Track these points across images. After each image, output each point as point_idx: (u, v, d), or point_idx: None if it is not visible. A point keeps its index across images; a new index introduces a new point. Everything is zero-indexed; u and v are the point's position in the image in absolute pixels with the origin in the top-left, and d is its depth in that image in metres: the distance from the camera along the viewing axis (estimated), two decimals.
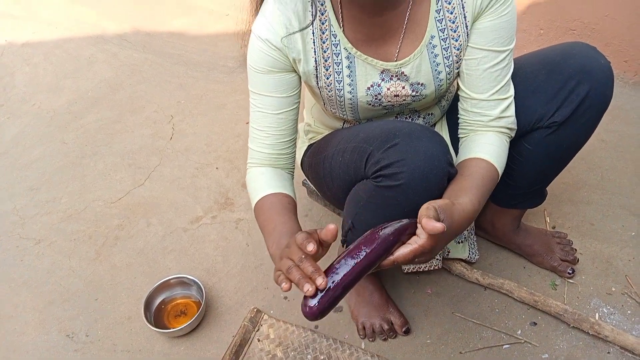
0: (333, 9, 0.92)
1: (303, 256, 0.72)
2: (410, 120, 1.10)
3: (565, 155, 1.11)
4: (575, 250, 1.37)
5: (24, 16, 2.90)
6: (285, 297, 1.36)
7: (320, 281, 0.69)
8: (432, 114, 1.12)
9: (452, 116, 1.15)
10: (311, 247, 0.71)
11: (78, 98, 2.22)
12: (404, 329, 1.23)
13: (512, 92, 0.98)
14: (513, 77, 0.97)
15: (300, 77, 0.99)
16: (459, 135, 1.04)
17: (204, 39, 2.54)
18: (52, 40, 2.66)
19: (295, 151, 1.08)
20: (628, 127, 1.77)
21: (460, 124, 1.03)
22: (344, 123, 1.14)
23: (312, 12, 0.90)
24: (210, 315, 1.34)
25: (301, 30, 0.91)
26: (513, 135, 1.01)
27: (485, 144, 0.97)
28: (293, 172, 1.09)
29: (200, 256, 1.50)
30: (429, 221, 0.70)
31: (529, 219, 1.47)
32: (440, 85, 0.98)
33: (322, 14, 0.92)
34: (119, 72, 2.37)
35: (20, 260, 1.54)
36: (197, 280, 1.34)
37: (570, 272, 1.32)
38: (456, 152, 1.07)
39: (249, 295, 1.38)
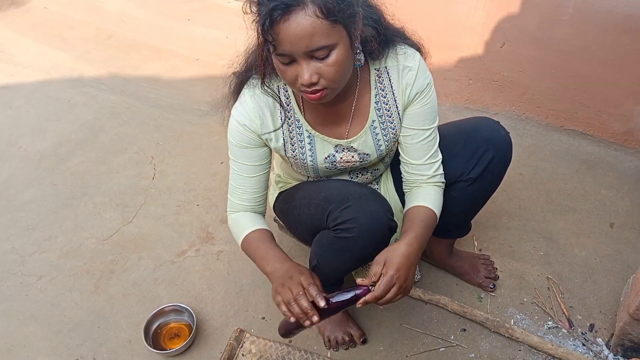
0: (295, 100, 1.21)
1: (301, 293, 1.07)
2: (360, 174, 1.41)
3: (481, 201, 1.45)
4: (496, 269, 1.71)
5: (0, 59, 3.05)
6: (263, 318, 1.63)
7: (315, 319, 1.05)
8: (377, 169, 1.43)
9: (394, 167, 1.46)
10: (314, 293, 1.08)
11: (62, 141, 2.42)
12: (361, 340, 1.52)
13: (440, 155, 1.30)
14: (440, 143, 1.29)
15: (270, 150, 1.28)
16: (404, 189, 1.36)
17: (177, 83, 2.78)
18: (31, 83, 2.83)
19: (265, 200, 1.36)
20: (541, 162, 2.15)
21: (403, 182, 1.35)
22: (308, 177, 1.43)
23: (282, 118, 1.19)
24: (200, 336, 1.59)
25: (275, 131, 1.21)
26: (444, 186, 1.33)
27: (425, 194, 1.28)
28: (264, 214, 1.38)
29: (188, 285, 1.74)
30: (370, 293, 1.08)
31: (461, 243, 1.80)
32: (381, 154, 1.30)
33: (288, 105, 1.20)
34: (98, 114, 2.58)
35: (25, 295, 1.74)
36: (188, 307, 1.59)
37: (492, 287, 1.65)
38: (400, 197, 1.42)
39: (232, 317, 1.64)
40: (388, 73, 1.19)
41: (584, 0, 1.92)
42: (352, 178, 1.41)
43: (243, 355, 1.51)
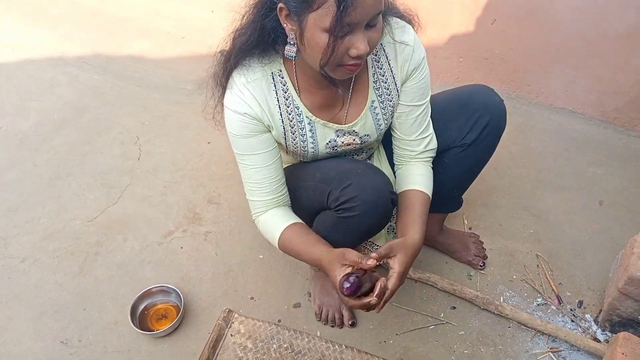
0: (292, 85, 1.15)
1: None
2: (356, 155, 1.38)
3: (475, 169, 1.44)
4: (485, 249, 1.70)
5: None
6: (252, 298, 1.61)
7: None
8: (371, 148, 1.41)
9: (385, 140, 1.44)
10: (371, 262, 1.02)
11: (44, 120, 2.36)
12: (350, 322, 1.51)
13: (431, 129, 1.30)
14: (434, 110, 1.29)
15: None
16: (395, 163, 1.36)
17: (163, 62, 2.72)
18: (12, 62, 2.75)
19: (286, 188, 1.27)
20: (531, 140, 2.14)
21: (395, 156, 1.35)
22: (300, 160, 1.40)
23: (279, 104, 1.14)
24: (188, 317, 1.57)
25: (272, 119, 1.15)
26: (434, 157, 1.33)
27: (418, 175, 1.28)
28: (290, 204, 1.29)
29: (175, 266, 1.72)
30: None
31: (451, 222, 1.79)
32: (381, 132, 1.29)
33: (285, 92, 1.15)
34: (81, 94, 2.51)
35: (7, 277, 1.70)
36: (175, 288, 1.57)
37: (482, 265, 1.65)
38: (391, 167, 1.42)
39: (221, 298, 1.62)
40: (384, 50, 1.17)
41: None
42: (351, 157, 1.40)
43: (232, 335, 1.49)
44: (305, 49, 0.98)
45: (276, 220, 1.23)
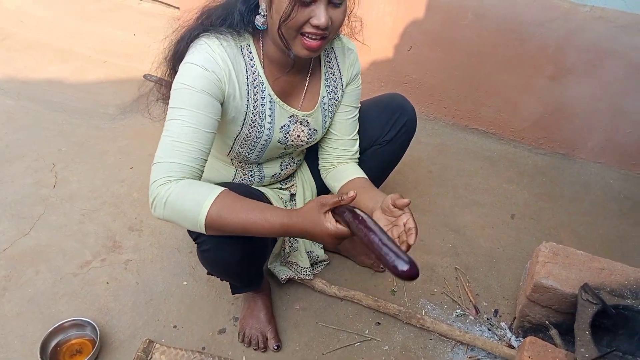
0: (259, 60, 1.17)
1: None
2: (288, 165, 1.45)
3: (388, 165, 1.54)
4: None
5: None
6: (175, 326, 1.56)
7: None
8: (300, 159, 1.50)
9: (310, 159, 1.54)
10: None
11: None
12: (274, 345, 1.49)
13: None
14: (359, 114, 1.40)
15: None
16: (325, 167, 1.44)
17: (83, 86, 2.62)
18: None
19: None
20: (449, 159, 2.25)
21: (326, 158, 1.43)
22: (240, 162, 1.37)
23: (247, 75, 1.15)
24: (106, 351, 1.48)
25: (239, 88, 1.14)
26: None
27: (355, 170, 1.38)
28: None
29: (92, 298, 1.63)
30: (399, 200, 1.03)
31: None
32: (324, 130, 1.36)
33: (252, 66, 1.17)
34: None
35: None
36: (91, 321, 1.48)
37: (383, 268, 1.72)
38: (316, 181, 1.53)
39: (141, 328, 1.55)
40: (334, 52, 1.30)
41: (482, 6, 2.05)
42: (282, 170, 1.44)
43: None
44: (271, 15, 1.04)
45: (201, 185, 1.03)
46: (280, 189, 1.51)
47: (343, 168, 1.40)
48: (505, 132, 2.32)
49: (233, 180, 1.41)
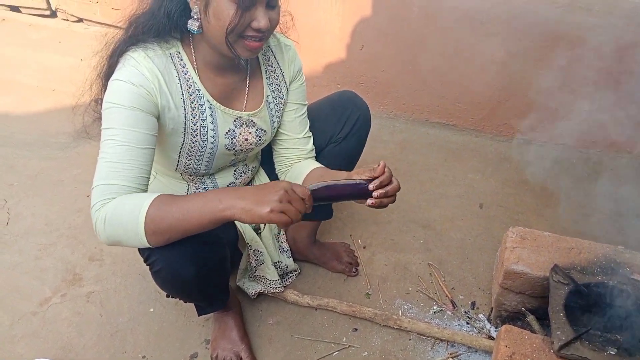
0: (192, 68, 1.13)
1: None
2: (243, 174, 1.41)
3: (348, 162, 1.49)
4: (357, 256, 1.75)
5: None
6: (144, 357, 1.48)
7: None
8: (255, 166, 1.46)
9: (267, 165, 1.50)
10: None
11: None
12: None
13: (310, 133, 1.39)
14: (310, 115, 1.39)
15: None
16: (281, 169, 1.41)
17: (31, 117, 2.52)
18: None
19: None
20: (413, 155, 2.24)
21: (281, 160, 1.41)
22: (191, 175, 1.33)
23: (181, 83, 1.11)
24: None
25: (173, 98, 1.10)
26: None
27: (311, 163, 1.36)
28: None
29: (54, 336, 1.54)
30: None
31: (344, 239, 1.79)
32: (274, 130, 1.33)
33: (185, 74, 1.12)
34: None
35: None
36: None
37: (355, 271, 1.70)
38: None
39: None
40: (272, 51, 1.29)
41: None
42: (236, 179, 1.40)
43: None
44: (209, 20, 1.02)
45: (138, 196, 0.99)
46: None
47: (299, 165, 1.38)
48: (465, 122, 2.32)
49: None
